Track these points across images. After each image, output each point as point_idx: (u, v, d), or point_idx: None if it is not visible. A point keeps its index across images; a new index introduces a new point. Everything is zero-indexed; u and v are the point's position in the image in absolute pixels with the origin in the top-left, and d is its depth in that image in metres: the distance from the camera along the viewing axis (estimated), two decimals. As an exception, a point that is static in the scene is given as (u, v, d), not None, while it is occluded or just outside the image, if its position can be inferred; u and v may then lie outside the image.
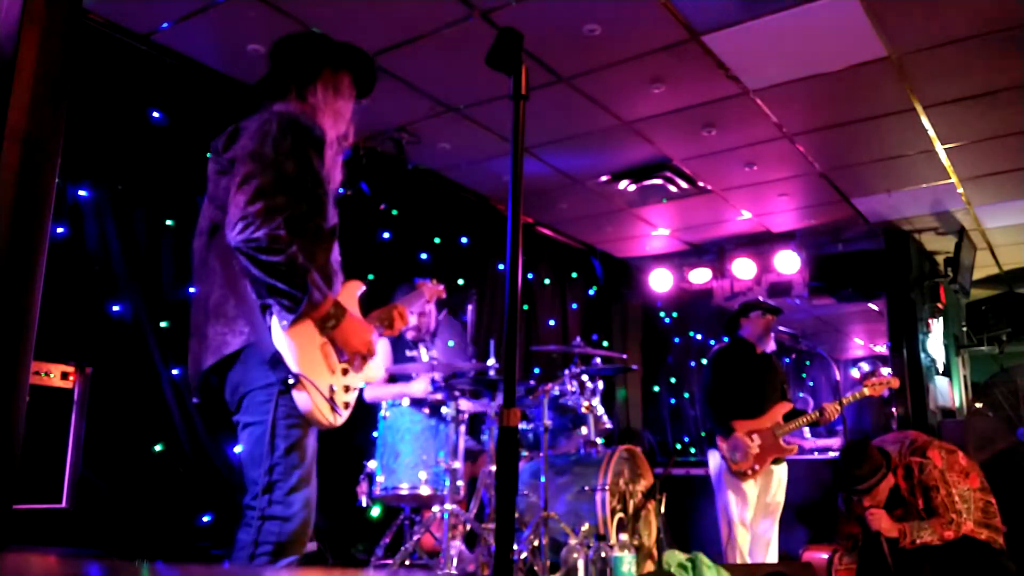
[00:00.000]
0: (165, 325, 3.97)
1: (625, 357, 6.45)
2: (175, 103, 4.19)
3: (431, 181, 5.77)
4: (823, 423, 4.70)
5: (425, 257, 5.73)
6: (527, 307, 6.77)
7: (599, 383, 4.54)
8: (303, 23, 3.86)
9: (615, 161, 5.57)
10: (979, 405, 8.12)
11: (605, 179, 5.85)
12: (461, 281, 5.95)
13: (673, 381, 8.51)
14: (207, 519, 3.98)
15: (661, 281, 7.56)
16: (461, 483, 3.72)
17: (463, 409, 3.84)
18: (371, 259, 5.11)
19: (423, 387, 4.12)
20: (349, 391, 2.32)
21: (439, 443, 3.75)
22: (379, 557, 3.75)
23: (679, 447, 8.23)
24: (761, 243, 7.14)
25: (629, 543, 3.77)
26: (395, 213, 5.52)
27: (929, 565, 3.97)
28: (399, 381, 4.32)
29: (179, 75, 4.20)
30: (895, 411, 6.88)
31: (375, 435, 3.98)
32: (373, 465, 3.83)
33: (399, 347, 4.44)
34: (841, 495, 4.46)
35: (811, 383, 11.59)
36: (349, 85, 2.54)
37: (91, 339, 3.64)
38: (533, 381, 5.90)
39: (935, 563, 3.96)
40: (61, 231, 3.66)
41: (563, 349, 4.70)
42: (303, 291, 2.13)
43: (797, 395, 9.86)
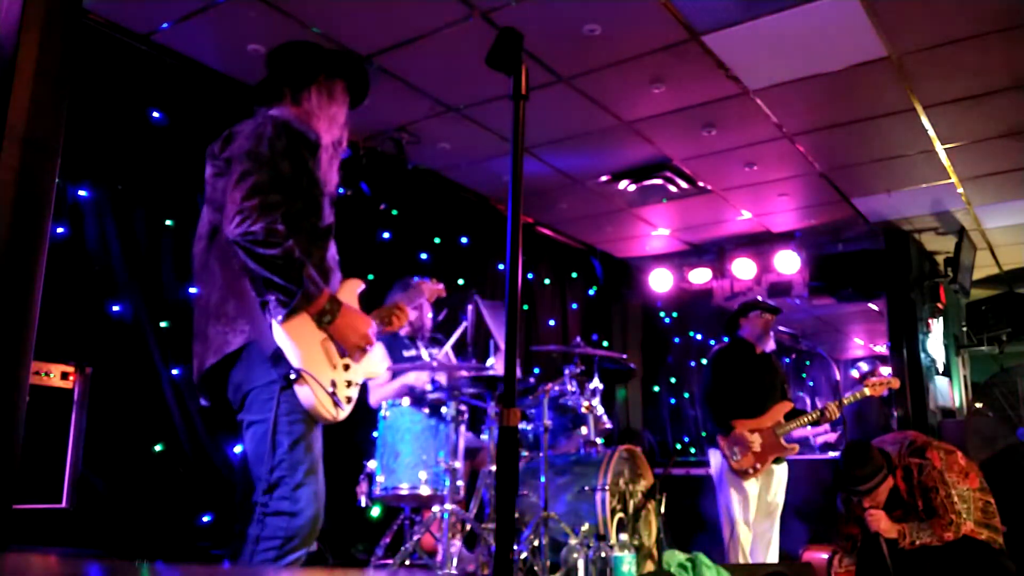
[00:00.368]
0: (165, 325, 3.98)
1: (625, 357, 6.45)
2: (175, 103, 4.19)
3: (431, 181, 5.77)
4: (824, 423, 4.70)
5: (425, 257, 5.73)
6: (527, 307, 6.76)
7: (598, 383, 4.54)
8: (303, 23, 3.86)
9: (615, 161, 5.57)
10: (979, 405, 8.12)
11: (605, 179, 5.85)
12: (461, 281, 5.95)
13: (673, 381, 8.51)
14: (207, 519, 3.98)
15: (661, 281, 7.56)
16: (461, 483, 3.71)
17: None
18: (371, 259, 5.10)
19: (420, 377, 4.12)
20: (351, 385, 2.34)
21: (439, 443, 3.75)
22: (379, 557, 3.75)
23: (679, 447, 8.23)
24: (761, 243, 7.14)
25: (629, 543, 3.77)
26: (395, 213, 5.52)
27: (929, 565, 3.97)
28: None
29: (179, 75, 4.21)
30: (895, 411, 6.88)
31: (375, 435, 3.98)
32: (373, 465, 3.82)
33: (395, 347, 4.43)
34: (840, 496, 4.45)
35: (811, 383, 11.59)
36: (343, 91, 2.58)
37: (91, 339, 3.65)
38: (533, 380, 5.91)
39: (935, 563, 3.96)
40: (61, 231, 3.66)
41: (563, 349, 4.70)
42: (298, 285, 2.15)
43: (797, 395, 9.86)
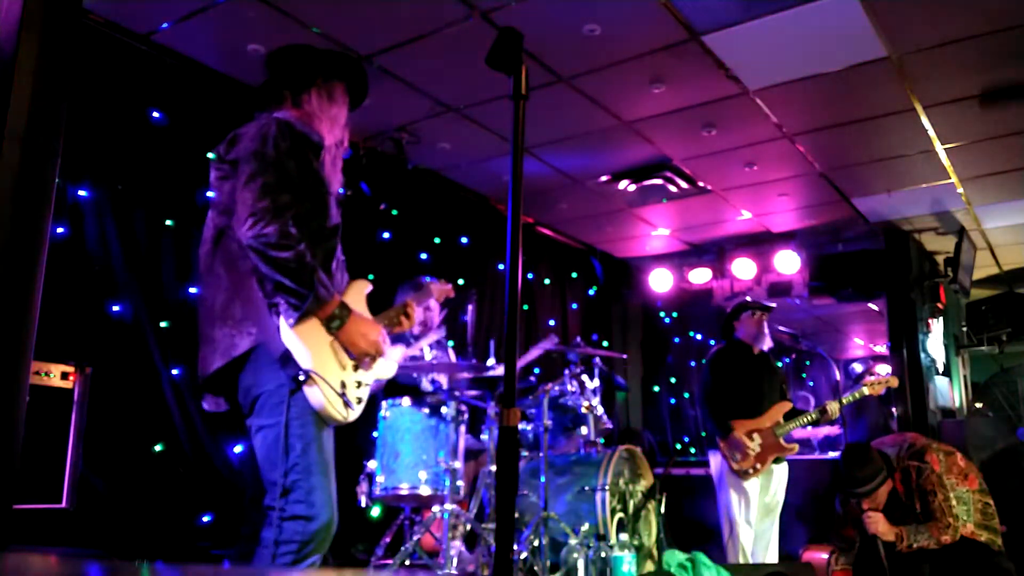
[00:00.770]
0: (165, 325, 3.96)
1: (625, 357, 6.45)
2: (175, 103, 4.18)
3: (431, 181, 5.77)
4: (824, 422, 4.70)
5: (425, 257, 5.73)
6: (527, 307, 6.76)
7: (598, 382, 4.54)
8: (303, 23, 3.86)
9: (615, 161, 5.56)
10: (979, 405, 8.12)
11: (605, 179, 5.85)
12: (461, 281, 5.95)
13: (673, 381, 8.50)
14: (207, 519, 3.98)
15: (661, 281, 7.56)
16: (461, 483, 3.71)
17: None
18: (371, 259, 5.10)
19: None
20: (361, 386, 2.34)
21: (439, 443, 3.74)
22: (379, 557, 3.75)
23: (679, 447, 8.23)
24: (761, 243, 7.13)
25: (629, 543, 3.78)
26: (395, 213, 5.51)
27: (928, 566, 3.97)
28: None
29: (179, 75, 4.20)
30: (895, 411, 6.88)
31: (375, 435, 3.98)
32: (373, 465, 3.82)
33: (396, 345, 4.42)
34: (839, 497, 4.45)
35: (811, 383, 11.58)
36: (343, 93, 2.60)
37: (91, 339, 3.64)
38: (533, 379, 5.90)
39: (934, 564, 3.96)
40: (61, 231, 3.65)
41: (563, 349, 4.70)
42: (309, 288, 2.15)
43: (797, 395, 9.85)
